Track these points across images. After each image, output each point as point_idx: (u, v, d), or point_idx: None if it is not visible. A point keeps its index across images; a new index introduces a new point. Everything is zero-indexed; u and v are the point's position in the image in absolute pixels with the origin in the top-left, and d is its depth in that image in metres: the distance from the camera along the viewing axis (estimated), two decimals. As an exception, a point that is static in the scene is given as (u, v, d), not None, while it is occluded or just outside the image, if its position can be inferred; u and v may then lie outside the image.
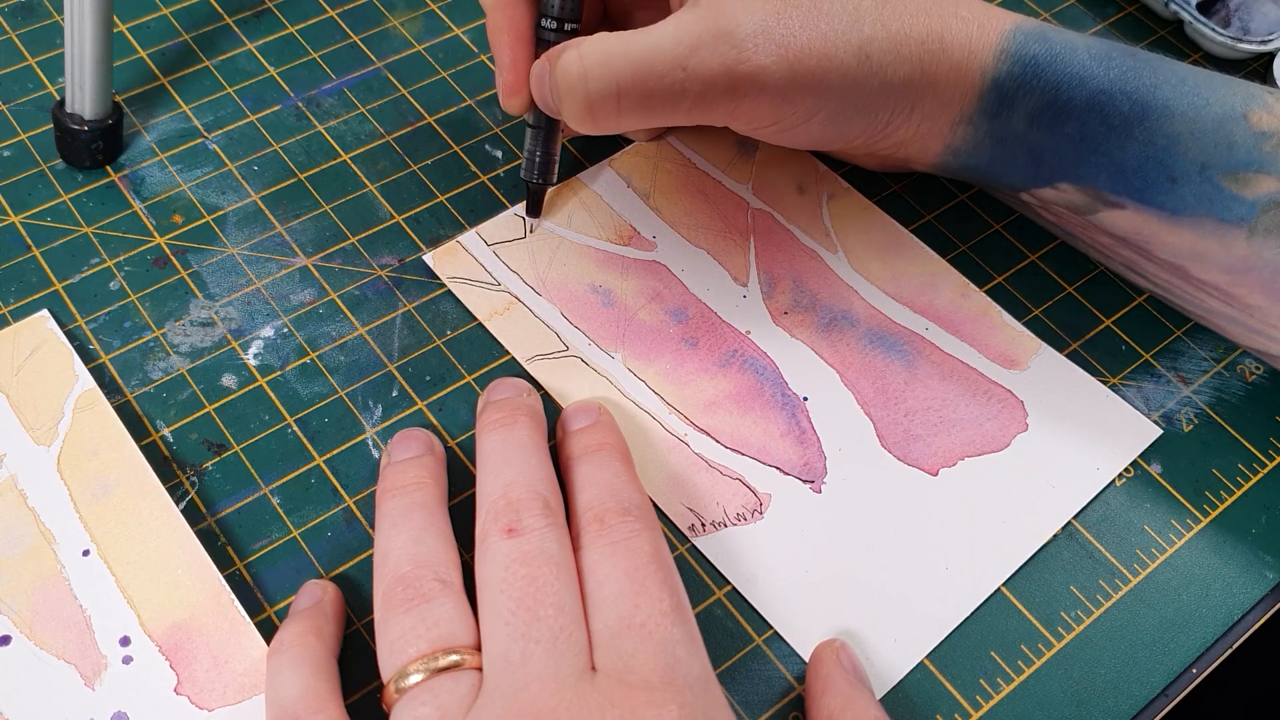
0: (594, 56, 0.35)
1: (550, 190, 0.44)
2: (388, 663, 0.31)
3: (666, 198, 0.45)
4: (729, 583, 0.36)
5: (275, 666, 0.32)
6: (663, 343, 0.41)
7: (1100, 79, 0.37)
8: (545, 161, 0.42)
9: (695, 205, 0.44)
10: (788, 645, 0.35)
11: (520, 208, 0.44)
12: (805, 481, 0.38)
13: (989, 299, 0.43)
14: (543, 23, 0.39)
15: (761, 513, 0.37)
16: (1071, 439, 0.39)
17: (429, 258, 0.42)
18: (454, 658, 0.30)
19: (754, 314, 0.42)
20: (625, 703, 0.29)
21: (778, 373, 0.40)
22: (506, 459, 0.34)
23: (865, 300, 0.42)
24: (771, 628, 0.35)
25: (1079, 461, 0.39)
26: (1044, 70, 0.37)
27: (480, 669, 0.30)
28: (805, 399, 0.40)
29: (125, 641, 0.33)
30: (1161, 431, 0.40)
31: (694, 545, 0.37)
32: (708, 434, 0.39)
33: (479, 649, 0.31)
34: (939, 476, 0.38)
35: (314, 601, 0.34)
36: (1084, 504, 0.38)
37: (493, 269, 0.42)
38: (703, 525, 0.37)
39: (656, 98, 0.35)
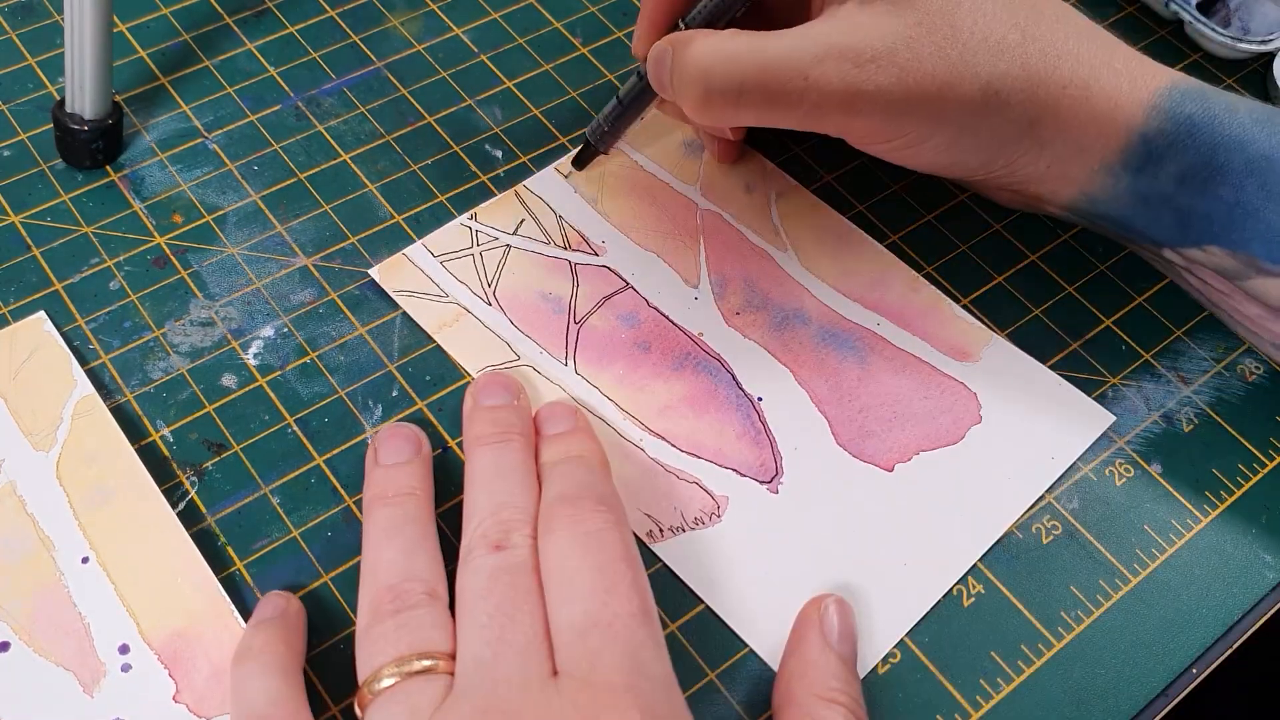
0: (722, 53, 0.35)
1: (496, 198, 0.44)
2: (364, 667, 0.31)
3: (614, 201, 0.44)
4: (688, 587, 0.36)
5: (244, 673, 0.32)
6: (615, 348, 0.41)
7: (1262, 143, 0.36)
8: (613, 133, 0.43)
9: (643, 208, 0.44)
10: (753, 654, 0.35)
11: (466, 217, 0.43)
12: (762, 483, 0.38)
13: (939, 292, 0.43)
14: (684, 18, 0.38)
15: (720, 516, 0.37)
16: (1025, 429, 0.39)
17: (375, 271, 0.42)
18: (427, 662, 0.30)
19: (706, 316, 0.42)
20: (590, 705, 0.29)
21: (731, 374, 0.40)
22: (499, 477, 0.35)
23: (816, 298, 0.42)
24: (731, 629, 0.35)
25: (1033, 451, 0.39)
26: (1199, 131, 0.36)
27: (454, 675, 0.31)
28: (759, 399, 0.40)
29: (124, 649, 0.33)
30: (1115, 418, 0.40)
31: (652, 551, 0.36)
32: (663, 438, 0.39)
33: (455, 657, 0.31)
34: (894, 472, 0.38)
35: (279, 612, 0.34)
36: (1040, 494, 0.38)
37: (440, 281, 0.42)
38: (660, 531, 0.37)
39: (775, 101, 0.35)
